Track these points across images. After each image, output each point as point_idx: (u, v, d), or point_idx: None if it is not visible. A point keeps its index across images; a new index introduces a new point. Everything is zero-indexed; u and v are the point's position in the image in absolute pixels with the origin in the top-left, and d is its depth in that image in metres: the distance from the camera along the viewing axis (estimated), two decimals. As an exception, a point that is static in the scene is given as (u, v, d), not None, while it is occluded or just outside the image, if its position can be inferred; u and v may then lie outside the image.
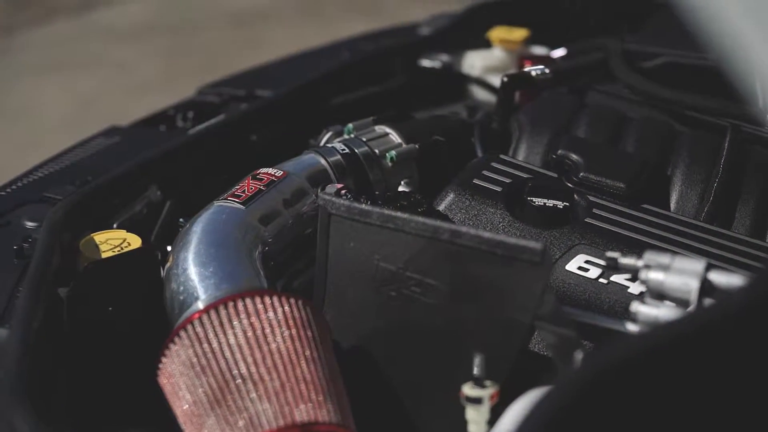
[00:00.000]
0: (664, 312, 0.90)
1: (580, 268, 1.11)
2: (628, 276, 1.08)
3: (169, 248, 1.16)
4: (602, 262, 1.10)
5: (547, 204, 1.16)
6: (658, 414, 0.67)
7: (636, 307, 0.91)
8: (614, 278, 1.09)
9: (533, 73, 1.46)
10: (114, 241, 1.13)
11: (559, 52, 1.83)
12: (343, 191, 1.16)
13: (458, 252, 0.92)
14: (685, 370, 0.68)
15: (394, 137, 1.33)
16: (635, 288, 1.07)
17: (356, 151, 1.27)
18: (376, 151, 1.29)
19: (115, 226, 1.23)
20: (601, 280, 1.09)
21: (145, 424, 0.97)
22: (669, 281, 0.90)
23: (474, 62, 1.89)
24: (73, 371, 1.00)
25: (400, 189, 1.29)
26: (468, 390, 0.89)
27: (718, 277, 0.90)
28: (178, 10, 5.78)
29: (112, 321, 1.06)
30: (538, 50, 1.90)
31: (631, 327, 0.91)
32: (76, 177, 1.33)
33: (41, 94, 4.63)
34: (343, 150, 1.27)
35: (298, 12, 5.69)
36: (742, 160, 1.25)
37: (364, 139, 1.31)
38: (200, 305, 0.98)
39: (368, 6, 5.50)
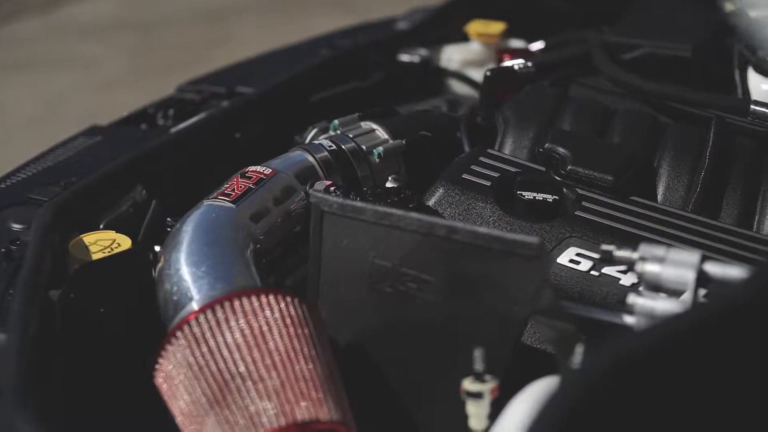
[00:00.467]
0: (661, 304, 0.90)
1: (571, 261, 1.11)
2: (619, 268, 1.09)
3: (157, 248, 1.15)
4: (593, 255, 1.11)
5: (536, 198, 1.17)
6: (681, 404, 0.68)
7: (633, 299, 0.92)
8: (605, 270, 1.10)
9: (516, 67, 1.47)
10: (103, 242, 1.12)
11: (537, 45, 1.84)
12: (332, 188, 1.16)
13: (454, 248, 0.92)
14: (703, 360, 0.69)
15: (381, 133, 1.33)
16: (627, 280, 1.08)
17: (343, 147, 1.27)
18: (363, 147, 1.29)
19: (101, 226, 1.22)
20: (592, 272, 1.10)
21: (142, 426, 0.97)
22: (665, 273, 0.90)
23: (452, 56, 1.90)
24: (68, 374, 0.99)
25: (388, 185, 1.29)
26: (468, 385, 0.89)
27: (713, 268, 0.90)
28: (146, 6, 5.75)
29: (104, 323, 1.05)
30: (516, 43, 1.92)
31: (629, 319, 0.92)
32: (60, 178, 1.32)
33: (9, 92, 4.59)
34: (330, 147, 1.26)
35: (268, 8, 5.67)
36: (727, 151, 1.26)
37: (351, 136, 1.30)
38: (195, 306, 0.98)
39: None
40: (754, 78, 1.54)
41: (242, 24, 5.42)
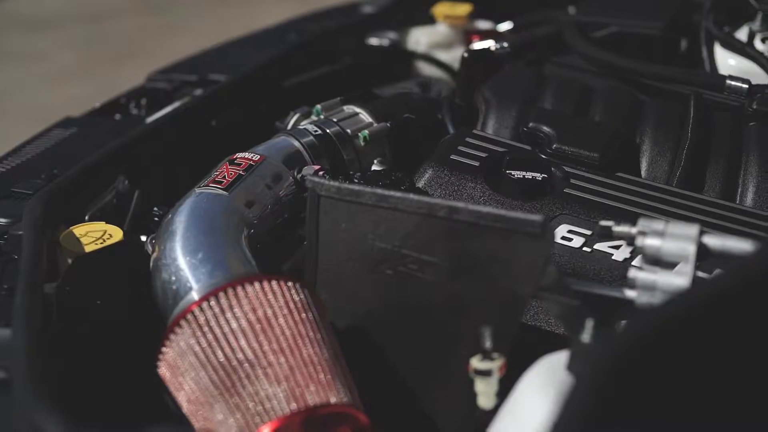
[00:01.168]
0: (662, 277, 0.91)
1: (563, 238, 1.13)
2: (611, 244, 1.10)
3: (143, 238, 1.14)
4: (585, 231, 1.12)
5: (525, 176, 1.17)
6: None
7: (633, 273, 0.93)
8: (597, 246, 1.11)
9: (493, 48, 1.48)
10: (94, 234, 1.12)
11: (505, 26, 1.85)
12: (321, 172, 1.16)
13: (456, 228, 0.93)
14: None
15: (365, 116, 1.33)
16: (619, 255, 1.10)
17: (328, 131, 1.27)
18: (348, 131, 1.29)
19: (87, 218, 1.21)
20: (584, 248, 1.11)
21: (149, 417, 0.96)
22: (666, 246, 0.91)
23: (419, 39, 1.90)
24: (69, 366, 0.98)
25: (374, 168, 1.29)
26: (477, 363, 0.90)
27: (712, 241, 0.92)
28: (91, -3, 5.69)
29: (101, 315, 1.04)
30: (483, 24, 1.92)
31: (630, 294, 0.93)
32: (40, 170, 1.30)
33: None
34: (316, 131, 1.26)
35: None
36: (707, 126, 1.28)
37: (335, 120, 1.30)
38: (195, 294, 0.97)
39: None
40: (720, 53, 1.56)
41: (191, 13, 5.38)
